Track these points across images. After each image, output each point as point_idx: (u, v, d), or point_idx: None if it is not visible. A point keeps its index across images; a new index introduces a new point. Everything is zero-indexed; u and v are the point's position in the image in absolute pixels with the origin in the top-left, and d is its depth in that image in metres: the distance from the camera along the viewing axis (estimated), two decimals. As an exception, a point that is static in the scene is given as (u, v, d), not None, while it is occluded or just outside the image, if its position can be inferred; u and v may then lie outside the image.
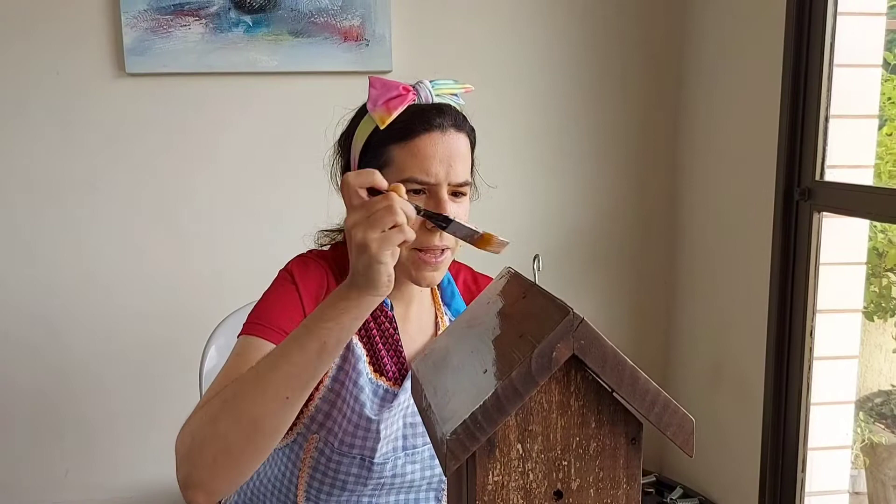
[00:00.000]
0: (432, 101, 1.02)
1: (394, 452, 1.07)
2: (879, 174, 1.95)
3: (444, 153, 1.00)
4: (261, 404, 0.85)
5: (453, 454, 0.60)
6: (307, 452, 1.06)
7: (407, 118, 1.00)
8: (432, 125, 1.00)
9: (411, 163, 0.99)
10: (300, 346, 0.86)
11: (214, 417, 0.87)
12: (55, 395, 2.01)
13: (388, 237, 0.82)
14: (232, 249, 2.02)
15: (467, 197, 1.05)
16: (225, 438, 0.86)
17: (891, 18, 1.75)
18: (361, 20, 1.94)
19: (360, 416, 1.04)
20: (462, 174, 1.02)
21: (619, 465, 0.65)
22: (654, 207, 2.18)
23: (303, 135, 2.01)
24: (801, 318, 1.68)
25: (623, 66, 2.10)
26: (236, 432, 0.85)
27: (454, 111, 1.03)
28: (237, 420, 0.86)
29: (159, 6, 1.87)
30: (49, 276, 1.97)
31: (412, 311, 1.13)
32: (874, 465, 2.11)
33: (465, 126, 1.04)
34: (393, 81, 1.01)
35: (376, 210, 0.82)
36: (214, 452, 0.86)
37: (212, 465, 0.86)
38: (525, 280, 0.75)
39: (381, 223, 0.82)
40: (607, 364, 0.60)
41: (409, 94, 1.00)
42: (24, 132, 1.92)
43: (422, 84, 1.02)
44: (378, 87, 1.01)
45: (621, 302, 2.21)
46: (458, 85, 1.05)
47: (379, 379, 1.07)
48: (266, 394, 0.85)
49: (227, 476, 0.87)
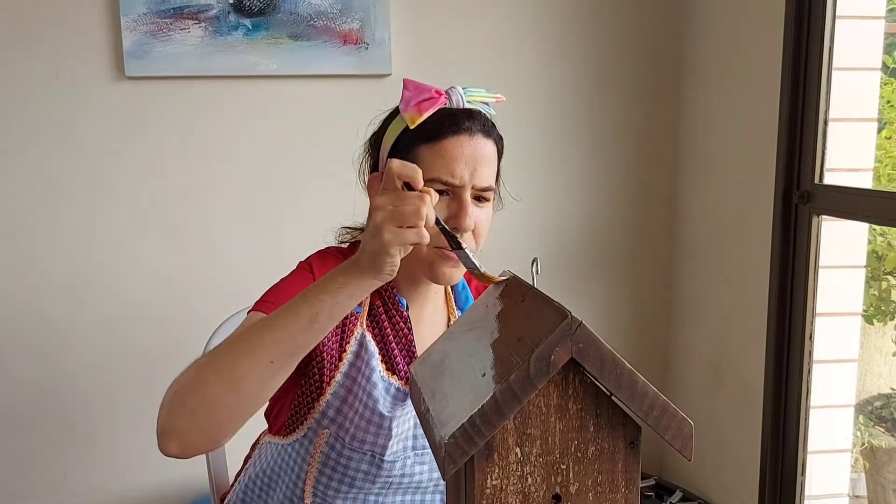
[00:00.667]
0: (463, 107, 1.04)
1: (403, 451, 1.07)
2: (878, 177, 1.95)
3: (471, 156, 1.02)
4: (245, 363, 0.86)
5: (451, 458, 0.59)
6: (317, 447, 1.07)
7: (437, 120, 1.02)
8: (461, 128, 1.02)
9: (438, 163, 1.01)
10: (294, 313, 0.87)
11: (201, 368, 0.88)
12: (54, 398, 2.01)
13: (403, 234, 0.83)
14: (233, 252, 2.02)
15: (490, 203, 1.07)
16: (206, 390, 0.86)
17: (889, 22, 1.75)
18: (361, 23, 1.94)
19: (372, 411, 1.04)
20: (486, 179, 1.04)
21: (618, 469, 0.65)
22: (653, 211, 2.18)
23: (303, 138, 2.02)
24: (800, 321, 1.67)
25: (622, 69, 2.10)
26: (217, 386, 0.86)
27: (484, 117, 1.06)
28: (220, 374, 0.86)
29: (159, 9, 1.88)
30: (48, 279, 1.97)
31: (426, 312, 1.14)
32: (874, 468, 2.11)
33: (494, 133, 1.07)
34: (426, 85, 1.03)
35: (405, 206, 0.83)
36: (194, 403, 0.86)
37: (189, 414, 0.86)
38: (524, 283, 0.75)
39: (402, 218, 0.83)
40: (605, 367, 0.60)
41: (441, 97, 1.02)
42: (23, 136, 1.92)
43: (454, 89, 1.04)
44: (411, 88, 1.03)
45: (620, 305, 2.21)
46: (489, 94, 1.07)
47: (391, 377, 1.08)
48: (252, 354, 0.86)
49: (201, 429, 0.87)
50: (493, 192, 1.07)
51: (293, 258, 1.13)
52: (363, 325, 1.08)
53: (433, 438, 0.64)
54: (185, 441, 0.87)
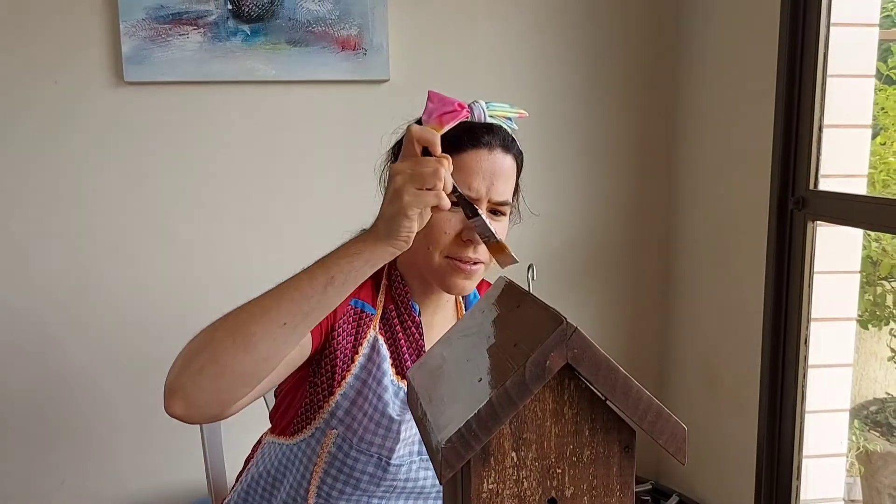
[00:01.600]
0: (485, 121, 1.05)
1: (409, 456, 1.08)
2: (873, 183, 1.96)
3: (488, 170, 1.04)
4: (259, 323, 0.87)
5: (448, 462, 0.60)
6: (324, 447, 1.07)
7: (457, 133, 1.03)
8: (480, 142, 1.05)
9: (455, 176, 1.02)
10: (310, 276, 0.89)
11: (214, 327, 0.89)
12: (52, 404, 2.01)
13: (423, 196, 0.86)
14: (231, 257, 2.03)
15: (507, 217, 1.09)
16: (217, 347, 0.86)
17: (884, 29, 1.76)
18: (359, 29, 1.95)
19: (382, 414, 1.05)
20: (503, 193, 1.06)
21: (613, 473, 0.66)
22: (649, 216, 2.18)
23: (300, 144, 2.02)
24: (795, 326, 1.68)
25: (619, 75, 2.11)
26: (229, 343, 0.86)
27: (504, 132, 1.07)
28: (233, 332, 0.87)
29: (158, 15, 1.88)
30: (45, 284, 1.97)
31: (437, 320, 1.16)
32: (869, 473, 2.11)
33: (514, 148, 1.09)
34: (450, 98, 1.04)
35: (424, 168, 0.86)
36: (204, 361, 0.86)
37: (198, 373, 0.86)
38: (519, 289, 0.76)
39: (422, 180, 0.86)
40: (600, 372, 0.61)
41: (464, 110, 1.03)
42: (22, 140, 1.92)
43: (477, 103, 1.05)
44: (435, 101, 1.04)
45: (616, 311, 2.21)
46: (512, 109, 1.08)
47: (401, 381, 1.09)
48: (267, 314, 0.87)
49: (210, 389, 0.86)
50: (510, 207, 1.09)
51: (291, 264, 1.13)
52: (376, 328, 1.09)
53: (430, 443, 0.65)
54: (191, 401, 0.87)
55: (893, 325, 2.11)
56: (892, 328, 2.11)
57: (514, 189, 1.11)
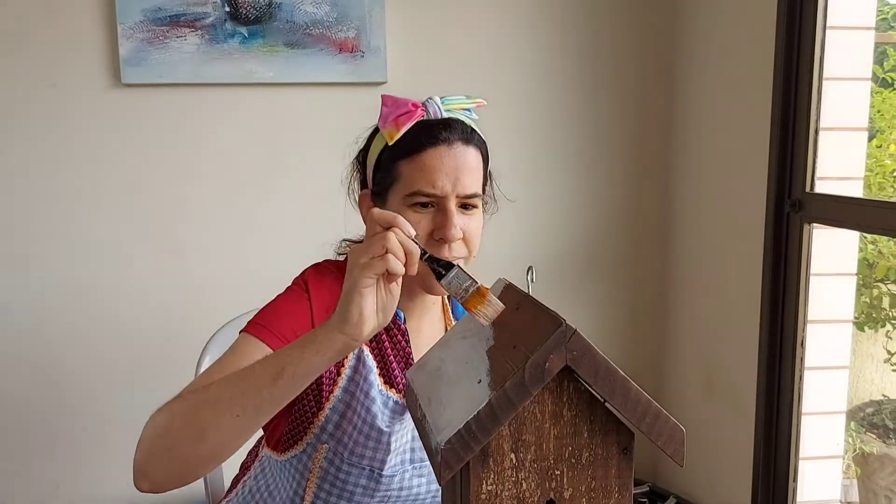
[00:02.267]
0: (441, 117, 1.04)
1: (402, 465, 1.07)
2: (869, 186, 1.97)
3: (451, 166, 1.01)
4: (211, 414, 0.85)
5: (447, 463, 0.60)
6: (316, 462, 1.06)
7: (414, 134, 1.01)
8: (438, 139, 1.02)
9: (418, 176, 1.01)
10: (262, 365, 0.85)
11: (172, 414, 0.88)
12: (46, 407, 2.00)
13: (371, 264, 0.80)
14: (226, 259, 2.02)
15: (479, 209, 1.06)
16: (174, 438, 0.86)
17: (879, 32, 1.77)
18: (357, 32, 1.95)
19: (371, 427, 1.04)
20: (470, 186, 1.03)
21: (611, 475, 0.66)
22: (646, 219, 2.19)
23: (298, 146, 2.02)
24: (792, 328, 1.69)
25: (616, 78, 2.12)
26: (184, 434, 0.86)
27: (462, 125, 1.05)
28: (188, 423, 0.86)
29: (155, 17, 1.88)
30: (41, 286, 1.97)
31: (424, 324, 1.14)
32: (866, 475, 2.12)
33: (475, 139, 1.05)
34: (403, 99, 1.03)
35: (371, 237, 0.81)
36: (162, 448, 0.87)
37: (157, 459, 0.87)
38: (519, 291, 0.76)
39: (369, 250, 0.80)
40: (599, 375, 0.61)
41: (418, 110, 1.02)
42: (19, 142, 1.92)
43: (431, 100, 1.04)
44: (389, 104, 1.03)
45: (614, 313, 2.22)
46: (469, 100, 1.07)
47: (389, 391, 1.07)
48: (218, 404, 0.85)
49: (169, 473, 0.88)
50: (481, 198, 1.06)
51: (289, 267, 1.13)
52: None
53: (429, 444, 0.65)
54: (156, 482, 0.89)
55: (889, 328, 2.11)
56: (888, 330, 2.12)
57: (483, 179, 1.08)
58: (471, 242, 1.05)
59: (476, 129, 1.07)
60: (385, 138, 1.02)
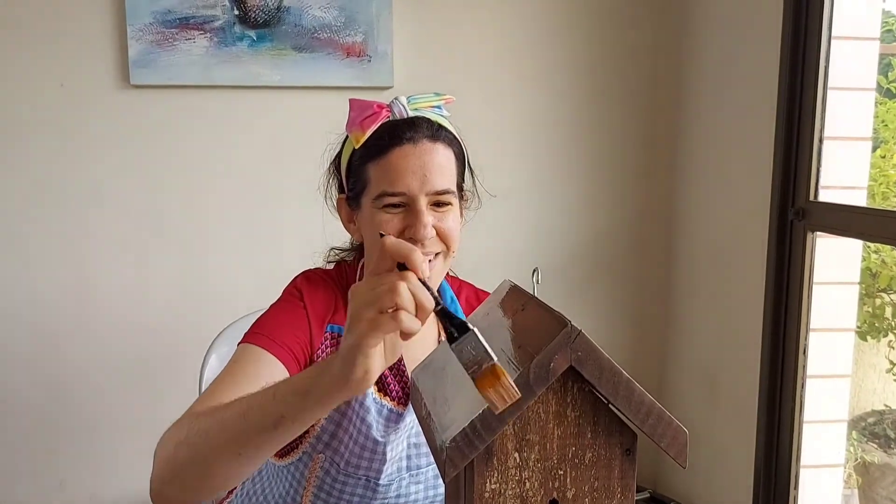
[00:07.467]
0: (407, 116, 1.02)
1: (398, 473, 1.07)
2: (873, 195, 1.98)
3: (417, 165, 1.00)
4: (215, 450, 0.83)
5: (452, 462, 0.61)
6: (312, 472, 1.06)
7: (379, 135, 1.01)
8: (403, 139, 1.00)
9: (384, 178, 1.00)
10: (262, 410, 0.80)
11: (179, 443, 0.87)
12: (51, 406, 2.01)
13: (378, 321, 0.67)
14: (233, 261, 2.03)
15: (454, 206, 1.04)
16: (180, 468, 0.86)
17: (884, 43, 1.78)
18: (364, 36, 1.96)
19: (366, 437, 1.04)
20: (440, 183, 1.00)
21: (614, 475, 0.66)
22: (651, 224, 2.20)
23: (304, 150, 2.03)
24: (794, 336, 1.69)
25: (623, 86, 2.13)
26: (190, 469, 0.86)
27: (428, 122, 1.03)
28: (194, 456, 0.85)
29: (165, 19, 1.90)
30: (49, 285, 1.98)
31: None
32: (867, 484, 2.12)
33: (443, 135, 1.03)
34: (368, 101, 1.02)
35: (381, 285, 0.68)
36: (171, 474, 0.87)
37: (170, 484, 0.88)
38: (524, 292, 0.76)
39: (377, 302, 0.67)
40: (603, 375, 0.62)
41: (382, 111, 1.01)
42: (28, 143, 1.93)
43: (396, 101, 1.03)
44: (355, 108, 1.02)
45: (618, 316, 2.22)
46: (437, 97, 1.05)
47: (383, 399, 1.06)
48: (221, 442, 0.82)
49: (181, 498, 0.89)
50: (455, 194, 1.04)
51: (295, 268, 1.14)
52: None
53: (434, 442, 0.66)
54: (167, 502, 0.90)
55: (892, 337, 2.11)
56: (890, 340, 2.12)
57: (458, 174, 1.05)
58: (448, 239, 1.02)
59: (446, 125, 1.05)
60: (352, 142, 1.02)
